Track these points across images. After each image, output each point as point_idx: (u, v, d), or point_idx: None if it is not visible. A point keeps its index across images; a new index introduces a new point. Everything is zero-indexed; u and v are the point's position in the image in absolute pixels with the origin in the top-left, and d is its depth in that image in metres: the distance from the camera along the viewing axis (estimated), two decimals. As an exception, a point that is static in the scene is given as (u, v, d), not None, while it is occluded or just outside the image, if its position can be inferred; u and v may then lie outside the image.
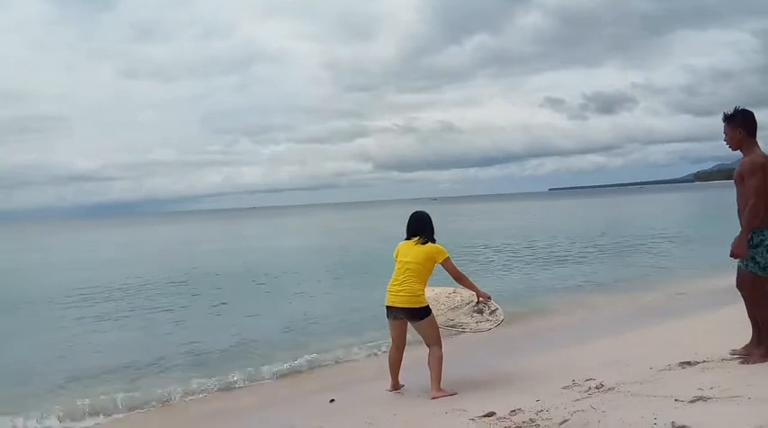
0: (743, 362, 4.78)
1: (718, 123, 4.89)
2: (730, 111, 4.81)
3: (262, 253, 26.30)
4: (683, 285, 11.42)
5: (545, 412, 4.16)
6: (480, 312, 5.74)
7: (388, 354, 5.74)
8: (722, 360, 4.96)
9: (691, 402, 3.83)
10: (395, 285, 5.39)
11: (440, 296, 5.94)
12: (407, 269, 5.34)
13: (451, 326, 5.68)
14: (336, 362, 7.41)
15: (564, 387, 4.83)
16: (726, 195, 4.88)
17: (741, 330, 5.39)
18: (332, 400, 5.69)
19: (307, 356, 7.51)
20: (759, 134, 4.78)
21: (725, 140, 4.86)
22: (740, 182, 4.69)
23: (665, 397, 4.02)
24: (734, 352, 5.05)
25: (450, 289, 6.04)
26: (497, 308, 5.78)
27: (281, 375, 7.01)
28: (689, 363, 5.03)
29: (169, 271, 19.19)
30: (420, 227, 5.52)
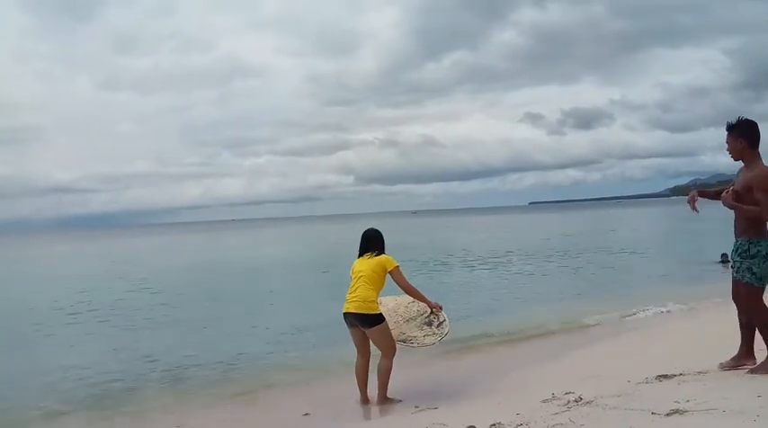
0: (749, 372, 4.64)
1: (693, 139, 4.97)
2: (733, 120, 4.62)
3: (234, 266, 26.08)
4: (660, 298, 11.50)
5: (524, 425, 4.16)
6: (429, 324, 5.92)
7: (354, 366, 5.79)
8: (699, 372, 5.00)
9: (667, 415, 3.85)
10: (349, 293, 5.69)
11: (399, 306, 6.16)
12: (360, 277, 5.65)
13: (402, 341, 5.83)
14: (311, 376, 7.32)
15: (543, 401, 4.84)
16: (701, 210, 4.92)
17: (718, 342, 5.46)
18: (306, 414, 5.63)
19: (281, 370, 7.44)
20: None
21: (727, 150, 4.66)
22: (747, 191, 4.49)
23: (641, 411, 4.05)
24: (723, 366, 4.95)
25: (410, 299, 6.16)
26: (445, 320, 5.92)
27: (253, 389, 6.89)
28: (666, 376, 5.07)
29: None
30: (372, 244, 5.83)
